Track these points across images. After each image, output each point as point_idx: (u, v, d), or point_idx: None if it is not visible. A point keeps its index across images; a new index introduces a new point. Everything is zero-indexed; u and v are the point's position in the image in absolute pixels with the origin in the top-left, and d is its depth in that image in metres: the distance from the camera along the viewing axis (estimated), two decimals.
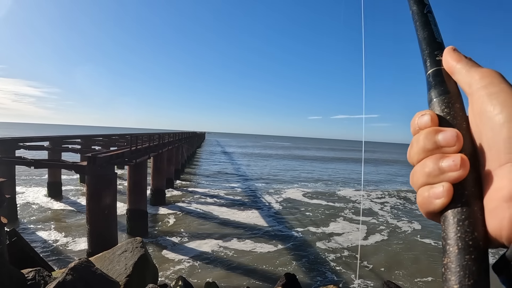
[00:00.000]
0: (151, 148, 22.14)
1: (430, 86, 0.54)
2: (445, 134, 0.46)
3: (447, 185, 0.44)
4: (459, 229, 0.42)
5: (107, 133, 41.82)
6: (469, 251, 0.40)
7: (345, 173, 54.72)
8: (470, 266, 0.40)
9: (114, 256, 9.35)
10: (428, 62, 0.55)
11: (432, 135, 0.48)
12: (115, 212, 14.63)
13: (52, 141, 27.15)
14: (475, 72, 0.49)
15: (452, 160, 0.44)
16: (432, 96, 0.53)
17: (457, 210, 0.43)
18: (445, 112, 0.50)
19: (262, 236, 18.78)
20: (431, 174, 0.46)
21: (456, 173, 0.44)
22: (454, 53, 0.53)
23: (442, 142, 0.46)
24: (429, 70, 0.55)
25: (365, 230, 21.41)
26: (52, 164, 17.60)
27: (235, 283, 12.87)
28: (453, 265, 0.41)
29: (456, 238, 0.42)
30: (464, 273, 0.39)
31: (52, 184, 25.99)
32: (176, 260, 14.81)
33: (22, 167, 19.45)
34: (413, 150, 0.50)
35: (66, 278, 6.87)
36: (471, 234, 0.41)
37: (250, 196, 30.62)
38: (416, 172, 0.49)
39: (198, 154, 79.10)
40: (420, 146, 0.49)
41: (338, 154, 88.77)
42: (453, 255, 0.41)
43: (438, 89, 0.52)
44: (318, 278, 13.77)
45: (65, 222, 19.67)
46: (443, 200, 0.44)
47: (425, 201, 0.46)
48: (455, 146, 0.46)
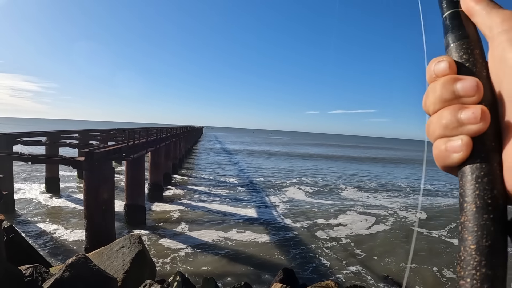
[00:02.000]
0: (148, 143, 22.09)
1: (447, 30, 0.50)
2: (464, 83, 0.44)
3: (466, 139, 0.42)
4: (478, 186, 0.40)
5: (105, 128, 41.67)
6: (487, 210, 0.39)
7: (346, 172, 54.85)
8: (488, 226, 0.38)
9: (111, 252, 9.37)
10: (445, 3, 0.51)
11: (450, 84, 0.45)
12: (113, 208, 14.62)
13: (49, 136, 27.05)
14: (497, 14, 0.45)
15: (472, 112, 0.42)
16: (450, 41, 0.49)
17: (475, 165, 0.41)
18: (464, 58, 0.47)
19: (260, 230, 18.84)
20: (449, 126, 0.44)
21: (475, 126, 0.41)
22: None
23: (461, 92, 0.44)
24: (446, 12, 0.51)
25: (370, 223, 21.54)
26: (49, 160, 17.57)
27: (233, 276, 12.94)
28: (471, 224, 0.39)
29: (474, 196, 0.40)
30: (482, 233, 0.38)
31: (50, 179, 25.96)
32: (174, 253, 14.86)
33: (20, 163, 19.41)
34: (429, 100, 0.48)
35: (63, 275, 6.89)
36: (490, 192, 0.40)
37: (248, 191, 30.70)
38: (433, 123, 0.47)
39: (196, 148, 79.04)
40: (437, 96, 0.46)
41: (339, 152, 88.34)
42: (470, 214, 0.40)
43: (455, 33, 0.49)
44: (316, 273, 13.84)
45: (63, 218, 19.67)
46: (461, 155, 0.42)
47: (442, 155, 0.44)
48: (475, 97, 0.43)
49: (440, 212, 25.65)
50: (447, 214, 24.77)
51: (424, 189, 37.38)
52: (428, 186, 39.19)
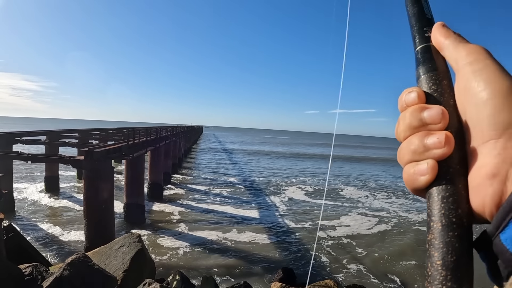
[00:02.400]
0: (148, 142, 22.09)
1: (418, 62, 0.53)
2: (431, 111, 0.46)
3: (431, 162, 0.44)
4: (443, 206, 0.43)
5: (105, 127, 41.65)
6: (452, 228, 0.41)
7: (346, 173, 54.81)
8: (453, 242, 0.40)
9: (111, 251, 9.37)
10: (417, 38, 0.55)
11: (418, 112, 0.48)
12: (113, 207, 14.63)
13: (49, 136, 27.02)
14: (462, 48, 0.49)
15: (437, 138, 0.44)
16: (420, 72, 0.52)
17: (441, 187, 0.44)
18: (433, 89, 0.50)
19: (259, 230, 18.86)
20: (417, 151, 0.46)
21: (440, 150, 0.44)
22: (443, 28, 0.53)
23: (428, 119, 0.46)
24: (418, 47, 0.54)
25: (371, 223, 21.55)
26: (49, 159, 17.57)
27: (233, 275, 12.96)
28: (437, 241, 0.41)
29: (440, 215, 0.42)
30: (447, 250, 0.40)
31: (49, 178, 25.94)
32: (173, 252, 14.88)
33: (20, 162, 19.41)
34: (400, 127, 0.51)
35: (63, 273, 6.89)
36: (455, 211, 0.42)
37: (248, 190, 30.75)
38: (403, 149, 0.49)
39: (196, 148, 79.00)
40: (406, 123, 0.49)
41: (339, 152, 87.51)
42: (436, 232, 0.42)
43: (426, 65, 0.52)
44: (316, 273, 13.83)
45: (63, 216, 19.67)
46: (427, 177, 0.44)
47: (410, 178, 0.47)
48: (441, 124, 0.46)
49: None
50: None
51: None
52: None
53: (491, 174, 0.40)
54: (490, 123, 0.42)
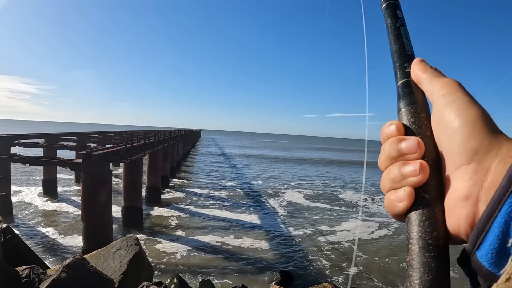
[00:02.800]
0: (146, 145, 22.08)
1: (399, 96, 0.57)
2: (407, 142, 0.51)
3: (408, 189, 0.48)
4: (420, 229, 0.46)
5: (103, 131, 41.61)
6: (428, 249, 0.44)
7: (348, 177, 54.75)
8: (429, 262, 0.43)
9: (109, 253, 9.36)
10: (398, 73, 0.59)
11: (396, 144, 0.52)
12: (110, 210, 14.62)
13: (47, 138, 27.01)
14: (437, 81, 0.53)
15: (412, 166, 0.48)
16: (401, 106, 0.56)
17: (418, 211, 0.47)
18: (411, 121, 0.54)
19: (257, 234, 18.84)
20: (395, 180, 0.50)
21: (416, 178, 0.48)
22: (421, 64, 0.57)
23: (404, 150, 0.51)
24: (399, 82, 0.58)
25: (368, 229, 21.49)
26: (47, 161, 17.53)
27: (231, 279, 12.94)
28: (414, 262, 0.44)
29: (418, 238, 0.45)
30: (424, 269, 0.43)
31: (47, 181, 25.89)
32: (171, 256, 14.85)
33: (18, 165, 19.36)
34: (381, 158, 0.55)
35: (60, 276, 6.89)
36: (431, 234, 0.45)
37: (247, 194, 30.70)
38: (383, 178, 0.53)
39: (194, 151, 78.92)
40: (386, 154, 0.53)
41: (340, 156, 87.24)
42: (414, 253, 0.45)
43: (406, 99, 0.56)
44: (314, 276, 13.84)
45: (60, 219, 19.62)
46: (405, 203, 0.48)
47: (390, 205, 0.51)
48: (416, 153, 0.50)
49: None
50: None
51: None
52: None
53: (464, 196, 0.44)
54: (460, 150, 0.46)
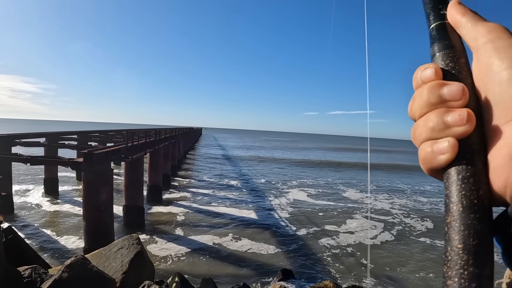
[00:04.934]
0: (147, 144, 22.08)
1: (433, 40, 0.52)
2: (451, 87, 0.45)
3: (452, 140, 0.43)
4: (464, 187, 0.41)
5: (104, 129, 41.63)
6: (474, 210, 0.39)
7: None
8: (475, 225, 0.39)
9: (110, 253, 9.37)
10: (432, 15, 0.53)
11: (437, 89, 0.46)
12: (112, 209, 14.63)
13: (48, 138, 27.05)
14: (482, 26, 0.47)
15: (458, 114, 0.43)
16: (436, 50, 0.51)
17: (461, 167, 0.42)
18: (450, 66, 0.48)
19: (261, 232, 18.86)
20: (436, 129, 0.45)
21: (462, 128, 0.43)
22: (459, 6, 0.51)
23: (448, 96, 0.45)
24: (433, 24, 0.53)
25: (372, 229, 21.40)
26: (48, 161, 17.53)
27: (232, 277, 12.94)
28: (457, 223, 0.40)
29: (461, 196, 0.41)
30: (469, 232, 0.39)
31: (49, 180, 25.94)
32: (173, 254, 14.86)
33: (19, 164, 19.38)
34: (416, 104, 0.49)
35: (62, 276, 6.90)
36: (476, 192, 0.40)
37: (248, 193, 30.72)
38: (419, 126, 0.48)
39: (196, 149, 78.87)
40: (423, 100, 0.47)
41: (343, 157, 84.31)
42: (456, 214, 0.40)
43: (442, 43, 0.50)
44: (315, 274, 13.85)
45: (62, 219, 19.65)
46: (447, 156, 0.43)
47: (428, 157, 0.45)
48: (461, 100, 0.44)
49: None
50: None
51: (425, 190, 37.50)
52: (428, 187, 39.34)
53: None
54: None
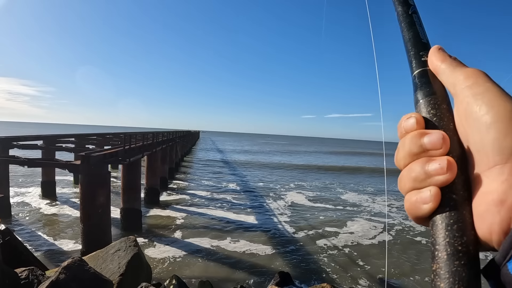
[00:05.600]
0: (145, 147, 22.11)
1: (416, 87, 0.52)
2: (431, 136, 0.45)
3: (434, 189, 0.43)
4: (448, 234, 0.41)
5: (101, 132, 41.60)
6: (458, 257, 0.39)
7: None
8: (460, 272, 0.38)
9: (107, 255, 9.39)
10: (414, 63, 0.54)
11: (418, 138, 0.46)
12: (109, 211, 14.62)
13: (46, 140, 26.98)
14: (460, 72, 0.48)
15: (439, 164, 0.43)
16: (418, 97, 0.51)
17: (445, 214, 0.42)
18: (431, 113, 0.49)
19: (258, 235, 18.84)
20: (418, 179, 0.45)
21: (443, 177, 0.43)
22: (439, 52, 0.52)
23: (428, 145, 0.45)
24: (415, 71, 0.54)
25: (372, 231, 21.41)
26: (45, 163, 17.51)
27: (230, 280, 12.94)
28: (442, 271, 0.39)
29: (445, 243, 0.40)
30: (454, 280, 0.38)
31: (46, 183, 25.86)
32: (170, 257, 14.84)
33: (16, 167, 19.36)
34: (400, 155, 0.49)
35: (59, 277, 6.92)
36: (461, 239, 0.40)
37: (246, 196, 30.65)
38: (403, 176, 0.48)
39: (193, 153, 78.83)
40: (406, 150, 0.48)
41: (345, 161, 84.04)
42: (442, 261, 0.40)
43: (424, 90, 0.51)
44: (313, 277, 13.87)
45: (59, 221, 19.60)
46: (430, 205, 0.43)
47: (412, 207, 0.45)
48: (442, 149, 0.44)
49: None
50: None
51: None
52: None
53: (499, 201, 0.39)
54: (495, 148, 0.41)
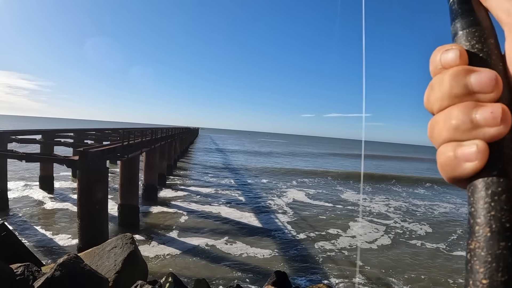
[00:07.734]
0: (143, 143, 22.04)
1: (455, 15, 0.41)
2: (480, 75, 0.35)
3: (481, 145, 0.33)
4: (494, 206, 0.32)
5: (100, 128, 41.54)
6: (505, 236, 0.31)
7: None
8: (506, 256, 0.30)
9: (103, 252, 9.37)
10: None
11: (462, 76, 0.36)
12: (106, 207, 14.59)
13: (44, 135, 26.93)
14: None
15: (491, 111, 0.33)
16: (458, 27, 0.40)
17: (491, 179, 0.33)
18: (477, 48, 0.38)
19: (255, 233, 18.88)
20: (460, 128, 0.35)
21: (494, 130, 0.33)
22: None
23: (476, 86, 0.35)
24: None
25: (368, 232, 21.37)
26: (43, 158, 17.46)
27: (226, 278, 12.97)
28: (483, 252, 0.31)
29: (489, 217, 0.32)
30: (498, 265, 0.30)
31: (44, 178, 25.85)
32: (166, 255, 14.86)
33: (14, 161, 19.33)
34: (435, 95, 0.39)
35: (54, 274, 6.90)
36: (509, 214, 0.31)
37: (244, 193, 30.72)
38: (439, 123, 0.38)
39: (192, 149, 78.76)
40: (444, 90, 0.37)
41: (347, 164, 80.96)
42: (483, 239, 0.31)
43: (466, 18, 0.39)
44: (310, 277, 13.89)
45: (56, 216, 19.59)
46: (475, 164, 0.33)
47: (450, 163, 0.36)
48: (493, 93, 0.34)
49: (446, 221, 25.51)
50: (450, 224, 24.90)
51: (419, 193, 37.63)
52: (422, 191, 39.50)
53: None
54: None
